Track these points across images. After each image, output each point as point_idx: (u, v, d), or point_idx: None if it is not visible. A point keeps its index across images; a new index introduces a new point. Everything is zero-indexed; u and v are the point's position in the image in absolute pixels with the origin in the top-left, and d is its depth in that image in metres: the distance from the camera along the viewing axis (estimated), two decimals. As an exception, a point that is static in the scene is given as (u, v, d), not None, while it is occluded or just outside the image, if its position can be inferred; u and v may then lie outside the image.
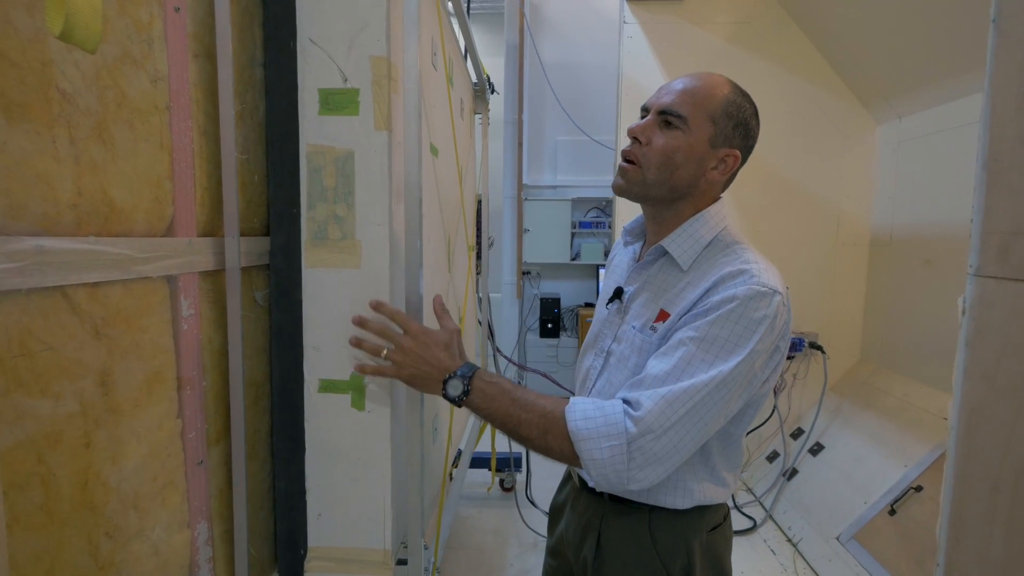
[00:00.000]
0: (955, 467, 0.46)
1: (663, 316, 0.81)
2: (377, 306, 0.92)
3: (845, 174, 2.74)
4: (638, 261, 0.91)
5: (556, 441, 0.74)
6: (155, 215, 0.75)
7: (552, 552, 1.05)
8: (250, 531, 0.98)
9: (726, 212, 0.88)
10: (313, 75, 0.97)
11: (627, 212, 2.74)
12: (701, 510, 0.86)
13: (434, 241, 1.44)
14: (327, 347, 0.99)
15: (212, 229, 0.88)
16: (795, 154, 2.75)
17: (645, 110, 0.85)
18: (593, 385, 0.91)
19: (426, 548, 1.03)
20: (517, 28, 4.31)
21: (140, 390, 0.72)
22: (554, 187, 4.58)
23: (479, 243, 2.45)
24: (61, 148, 0.60)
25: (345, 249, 0.98)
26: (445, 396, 0.80)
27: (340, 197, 0.98)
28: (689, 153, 0.81)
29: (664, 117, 0.81)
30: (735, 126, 0.82)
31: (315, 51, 0.97)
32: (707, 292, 0.77)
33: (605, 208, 4.50)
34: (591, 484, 0.90)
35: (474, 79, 2.34)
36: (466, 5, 1.85)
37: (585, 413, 0.74)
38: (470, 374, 0.80)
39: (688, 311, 0.78)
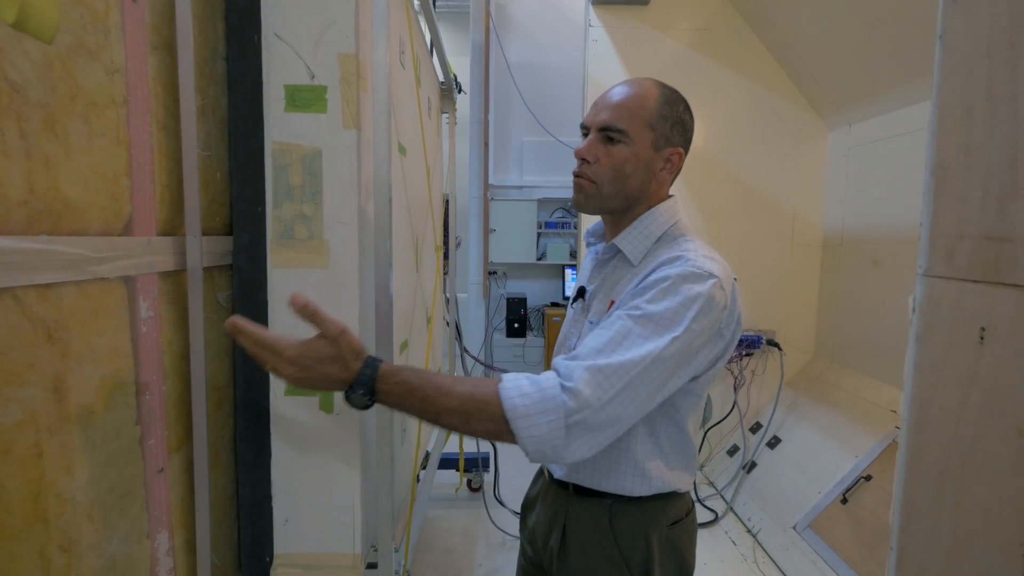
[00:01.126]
0: (907, 456, 0.49)
1: (612, 306, 0.85)
2: (296, 303, 0.73)
3: (800, 178, 2.86)
4: (600, 263, 0.95)
5: (481, 424, 0.73)
6: (112, 213, 0.72)
7: (524, 545, 1.07)
8: (213, 539, 0.95)
9: (678, 208, 0.91)
10: (278, 71, 0.95)
11: (592, 216, 2.77)
12: (660, 502, 0.88)
13: (402, 241, 1.43)
14: (294, 349, 0.97)
15: (172, 228, 0.85)
16: (753, 158, 2.85)
17: (585, 128, 0.89)
18: None
19: (396, 551, 1.02)
20: (483, 28, 4.31)
21: (96, 396, 0.69)
22: (520, 187, 4.60)
23: (447, 243, 2.44)
24: (10, 142, 0.57)
25: (312, 249, 0.96)
26: (353, 407, 0.76)
27: (307, 196, 0.96)
28: (637, 162, 0.85)
29: (606, 133, 0.85)
30: (672, 125, 0.86)
31: (281, 46, 0.94)
32: (645, 276, 0.81)
33: (571, 209, 4.55)
34: (557, 476, 0.93)
35: (441, 78, 2.33)
36: (432, 2, 1.84)
37: (521, 390, 0.72)
38: (370, 382, 0.73)
39: (631, 289, 0.82)
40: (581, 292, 0.96)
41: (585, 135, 0.89)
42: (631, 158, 0.85)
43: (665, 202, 0.90)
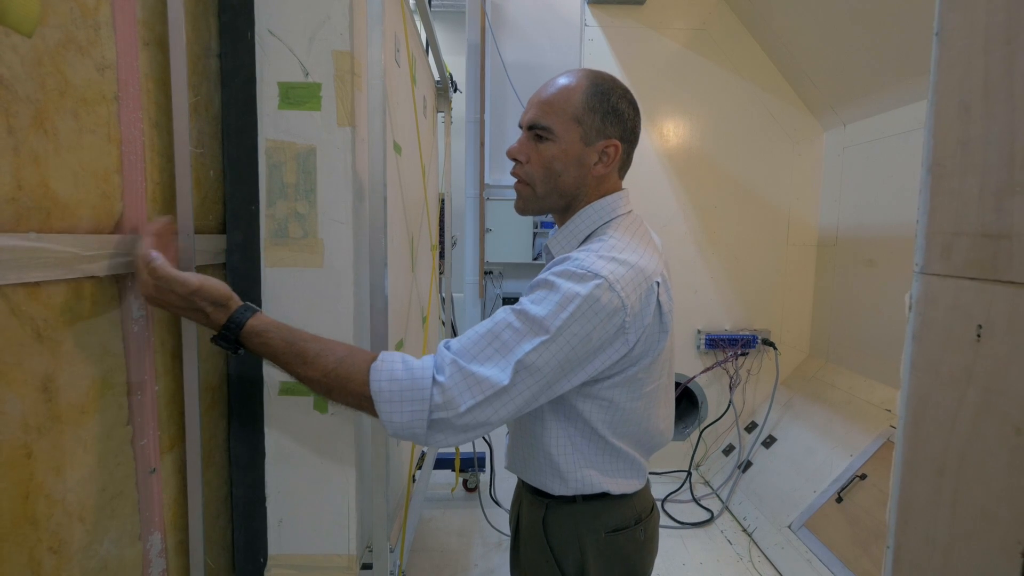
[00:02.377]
0: (903, 453, 0.49)
1: None
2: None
3: (795, 178, 2.87)
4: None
5: (342, 397, 0.73)
6: (102, 211, 0.71)
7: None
8: (207, 540, 0.94)
9: (620, 203, 0.86)
10: (272, 68, 0.94)
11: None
12: (595, 507, 0.85)
13: (397, 240, 1.42)
14: (288, 348, 0.96)
15: (164, 226, 0.84)
16: (748, 157, 2.86)
17: (521, 127, 0.87)
18: None
19: (391, 551, 1.01)
20: (479, 27, 4.30)
21: (86, 396, 0.68)
22: (516, 187, 4.58)
23: (442, 242, 2.43)
24: (-2, 138, 0.56)
25: (307, 248, 0.96)
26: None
27: (301, 194, 0.95)
28: (565, 159, 0.82)
29: (534, 132, 0.83)
30: (603, 116, 0.82)
31: (274, 43, 0.94)
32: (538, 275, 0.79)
33: (567, 208, 4.54)
34: (511, 468, 0.94)
35: (437, 77, 2.32)
36: (428, 1, 1.83)
37: (392, 374, 0.71)
38: (233, 336, 0.73)
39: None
40: None
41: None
42: (559, 155, 0.82)
43: (605, 198, 0.85)
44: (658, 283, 0.79)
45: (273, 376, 0.96)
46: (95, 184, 0.70)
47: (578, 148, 0.82)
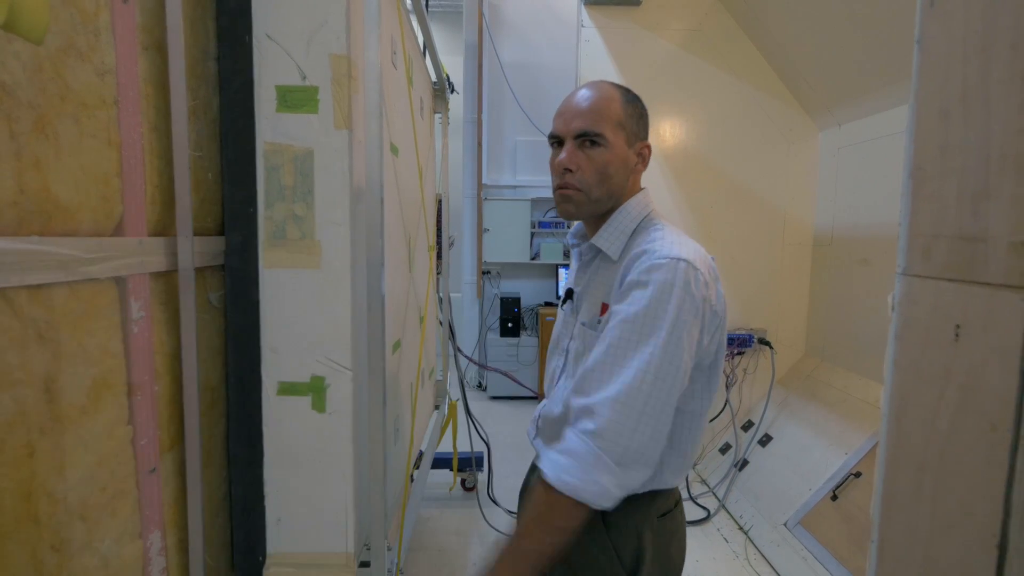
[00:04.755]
0: (886, 450, 0.50)
1: (605, 309, 0.86)
2: None
3: (790, 177, 2.88)
4: (584, 264, 0.97)
5: (566, 520, 0.73)
6: (102, 213, 0.72)
7: None
8: (206, 539, 0.96)
9: (649, 199, 0.92)
10: (270, 72, 0.95)
11: (586, 212, 2.79)
12: (652, 495, 0.87)
13: (395, 241, 1.43)
14: (286, 349, 0.97)
15: (164, 228, 0.85)
16: (743, 157, 2.87)
17: (557, 138, 0.90)
18: (556, 383, 0.95)
19: (389, 550, 1.02)
20: (476, 27, 4.31)
21: (87, 396, 0.69)
22: (514, 187, 4.60)
23: (439, 243, 2.44)
24: (1, 143, 0.57)
25: (304, 249, 0.97)
26: None
27: (299, 196, 0.96)
28: (617, 162, 0.87)
29: (583, 140, 0.86)
30: (637, 121, 0.89)
31: (272, 47, 0.95)
32: (623, 279, 0.82)
33: (564, 208, 4.55)
34: None
35: (434, 78, 2.33)
36: (424, 3, 1.84)
37: (557, 467, 0.73)
38: None
39: (616, 291, 0.84)
40: (569, 294, 0.98)
41: (554, 144, 0.90)
42: (612, 159, 0.86)
43: (637, 195, 0.91)
44: (713, 259, 0.86)
45: (271, 376, 0.97)
46: (95, 187, 0.71)
47: (624, 151, 0.88)
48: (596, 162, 0.86)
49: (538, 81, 4.59)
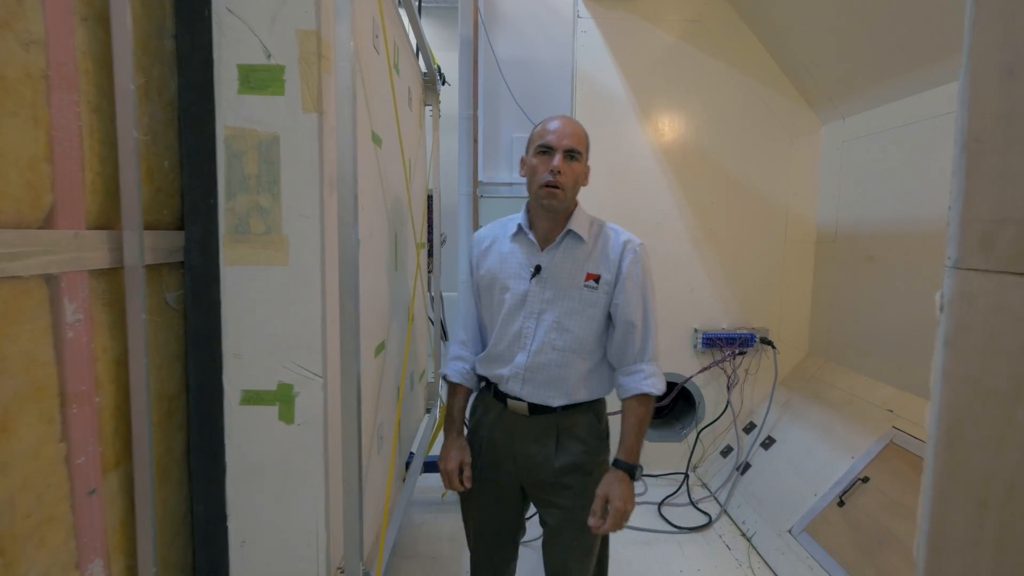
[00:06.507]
0: (934, 480, 0.42)
1: (591, 276, 1.23)
2: None
3: (793, 173, 2.80)
4: (543, 248, 1.25)
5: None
6: (27, 203, 0.63)
7: (489, 476, 1.30)
8: (165, 563, 0.87)
9: None
10: (231, 49, 0.86)
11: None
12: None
13: (377, 236, 1.34)
14: (250, 354, 0.88)
15: (107, 220, 0.76)
16: (744, 152, 2.79)
17: (548, 148, 1.20)
18: (532, 341, 1.23)
19: (366, 574, 0.94)
20: (471, 22, 4.21)
21: (8, 411, 0.61)
22: (510, 184, 4.51)
23: (431, 240, 2.36)
24: None
25: (270, 244, 0.88)
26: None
27: (264, 186, 0.88)
28: (582, 175, 1.25)
29: (570, 154, 1.20)
30: (587, 147, 1.27)
31: (233, 22, 0.86)
32: (621, 258, 1.24)
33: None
34: (557, 405, 1.24)
35: (424, 69, 2.25)
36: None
37: (653, 386, 1.23)
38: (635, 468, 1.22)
39: (618, 271, 1.23)
40: (538, 269, 1.24)
41: (543, 152, 1.20)
42: (582, 172, 1.25)
43: (579, 200, 1.30)
44: None
45: (234, 383, 0.88)
46: (17, 172, 0.62)
47: (585, 169, 1.27)
48: (575, 171, 1.22)
49: (534, 77, 4.50)
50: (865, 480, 2.02)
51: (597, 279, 1.21)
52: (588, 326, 1.22)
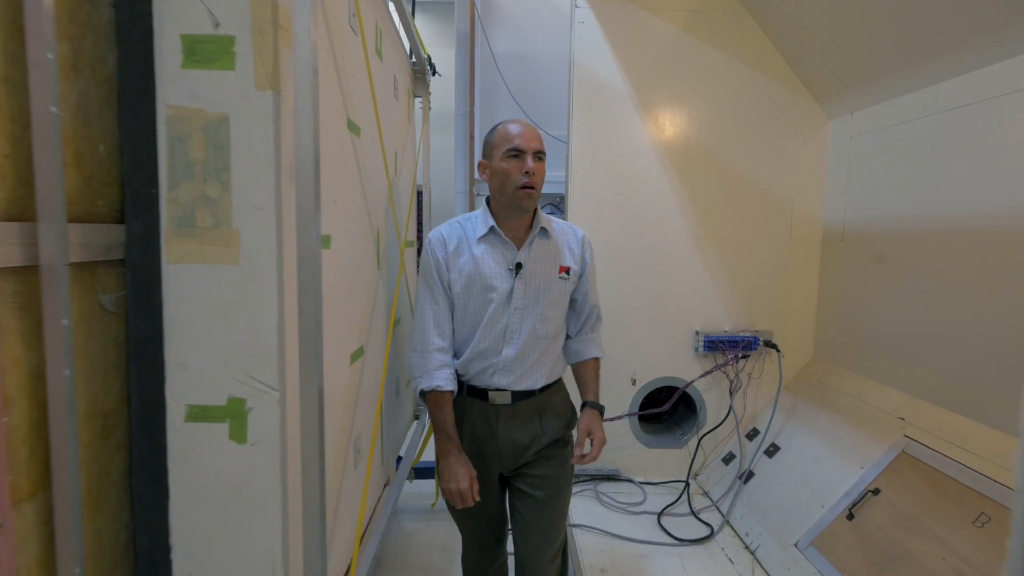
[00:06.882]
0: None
1: (563, 269, 1.34)
2: None
3: (798, 169, 2.69)
4: (519, 247, 1.32)
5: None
6: (-95, 188, 0.53)
7: (485, 473, 1.35)
8: (100, 599, 0.77)
9: None
10: (173, 17, 0.76)
11: (579, 209, 2.62)
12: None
13: (355, 233, 1.24)
14: (197, 364, 0.78)
15: (20, 211, 0.66)
16: (748, 148, 2.68)
17: (519, 151, 1.26)
18: (519, 334, 1.31)
19: (327, 611, 0.83)
20: (468, 17, 4.11)
21: None
22: (507, 182, 4.40)
23: (420, 238, 2.25)
24: None
25: (219, 240, 0.78)
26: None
27: (211, 174, 0.77)
28: (545, 174, 1.33)
29: (537, 155, 1.28)
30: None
31: (176, -13, 0.76)
32: (583, 251, 1.40)
33: (559, 204, 4.37)
34: (539, 387, 1.35)
35: (414, 59, 2.14)
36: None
37: (600, 349, 1.46)
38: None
39: (583, 263, 1.39)
40: (519, 266, 1.31)
41: (513, 156, 1.26)
42: (544, 171, 1.31)
43: None
44: None
45: (178, 397, 0.78)
46: None
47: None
48: (543, 172, 1.30)
49: (532, 72, 4.41)
50: (876, 492, 1.91)
51: (567, 271, 1.34)
52: (562, 312, 1.37)
